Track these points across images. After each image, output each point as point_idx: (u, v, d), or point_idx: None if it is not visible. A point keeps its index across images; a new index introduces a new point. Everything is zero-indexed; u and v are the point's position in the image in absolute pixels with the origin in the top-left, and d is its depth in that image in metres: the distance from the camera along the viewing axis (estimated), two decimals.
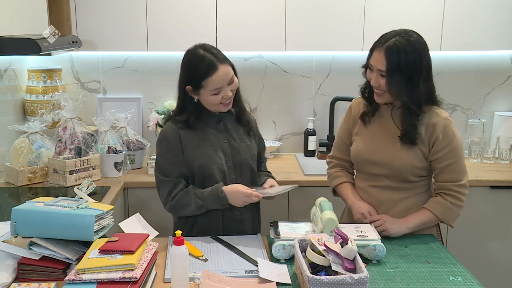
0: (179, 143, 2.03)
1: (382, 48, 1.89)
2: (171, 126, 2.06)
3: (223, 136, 2.08)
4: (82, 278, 1.51)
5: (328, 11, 2.97)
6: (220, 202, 1.98)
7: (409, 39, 1.89)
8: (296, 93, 3.29)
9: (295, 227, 1.90)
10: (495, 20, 2.99)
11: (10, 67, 2.87)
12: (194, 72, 1.96)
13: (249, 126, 2.15)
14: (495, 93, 3.32)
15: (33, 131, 2.72)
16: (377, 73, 1.92)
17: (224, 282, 1.61)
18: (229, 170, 2.06)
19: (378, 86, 1.93)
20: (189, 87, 2.00)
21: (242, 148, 2.09)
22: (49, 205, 1.71)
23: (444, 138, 1.95)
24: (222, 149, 2.06)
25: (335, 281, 1.45)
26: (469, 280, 1.68)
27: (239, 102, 2.11)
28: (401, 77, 1.88)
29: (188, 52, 2.02)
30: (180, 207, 2.03)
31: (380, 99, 1.98)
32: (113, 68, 3.22)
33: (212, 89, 1.96)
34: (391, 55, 1.87)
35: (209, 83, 1.95)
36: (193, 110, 2.04)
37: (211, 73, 1.94)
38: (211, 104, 2.01)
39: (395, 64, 1.86)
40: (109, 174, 2.80)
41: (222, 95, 1.98)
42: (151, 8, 2.94)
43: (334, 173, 2.20)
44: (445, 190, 1.99)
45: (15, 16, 2.42)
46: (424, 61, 1.91)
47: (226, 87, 1.97)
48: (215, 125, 2.08)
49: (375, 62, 1.92)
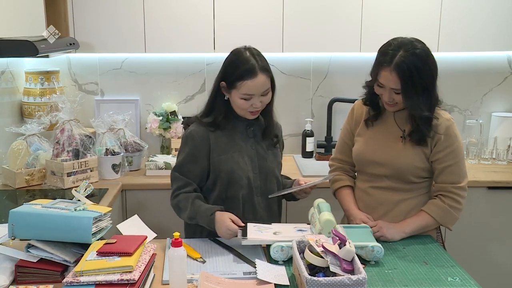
0: (206, 146, 2.01)
1: (391, 68, 1.86)
2: (200, 128, 2.03)
3: (251, 143, 2.07)
4: (80, 280, 1.51)
5: (326, 12, 2.97)
6: (208, 223, 1.93)
7: (414, 52, 1.86)
8: (294, 94, 3.29)
9: (264, 228, 1.91)
10: (492, 21, 2.99)
11: (7, 69, 2.86)
12: (233, 71, 1.96)
13: (277, 140, 2.15)
14: (492, 94, 3.33)
15: (30, 133, 2.71)
16: (390, 91, 1.91)
17: (222, 284, 1.61)
18: (255, 177, 2.05)
19: (393, 100, 1.93)
20: (223, 83, 1.99)
21: (269, 156, 2.09)
22: (46, 207, 1.71)
23: (446, 139, 1.96)
24: (249, 156, 2.05)
25: (333, 282, 1.45)
26: (467, 281, 1.68)
27: (269, 117, 2.10)
28: (416, 92, 1.87)
29: (233, 51, 2.02)
30: (177, 208, 2.03)
31: (393, 108, 1.98)
32: (110, 70, 3.22)
33: (243, 93, 1.94)
34: (403, 74, 1.84)
35: (243, 87, 1.93)
36: (222, 109, 2.02)
37: (248, 77, 1.92)
38: (238, 107, 1.99)
39: (410, 83, 1.85)
40: (107, 176, 2.79)
41: (252, 103, 1.96)
42: (148, 10, 2.94)
43: (335, 177, 2.21)
44: (443, 191, 1.99)
45: (12, 18, 2.42)
46: (433, 68, 1.91)
47: (258, 96, 1.96)
48: (244, 131, 2.07)
49: (386, 82, 1.89)
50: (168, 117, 3.16)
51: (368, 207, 2.08)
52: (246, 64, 1.94)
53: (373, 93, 2.00)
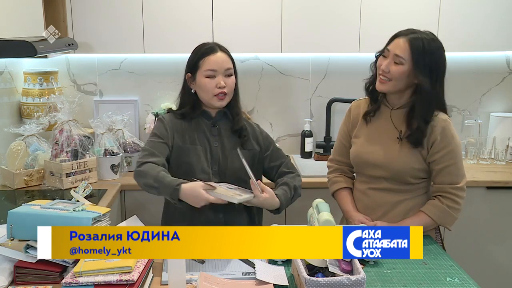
0: (173, 129, 2.07)
1: (406, 37, 1.91)
2: (170, 115, 2.13)
3: (215, 140, 2.09)
4: (78, 281, 1.51)
5: (325, 12, 2.97)
6: (170, 193, 1.87)
7: (434, 39, 1.93)
8: (293, 94, 3.29)
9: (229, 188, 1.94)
10: (490, 21, 3.00)
11: (6, 69, 2.86)
12: (195, 55, 2.07)
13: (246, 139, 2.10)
14: (491, 94, 3.33)
15: (29, 133, 2.71)
16: (391, 58, 1.93)
17: (221, 284, 1.61)
18: (214, 174, 2.05)
19: (388, 71, 1.93)
20: (188, 74, 2.07)
21: (231, 156, 2.07)
22: (45, 208, 1.71)
23: (443, 139, 1.95)
24: (211, 152, 2.07)
25: (332, 282, 1.45)
26: (466, 281, 1.68)
27: (235, 107, 2.10)
28: (424, 64, 1.89)
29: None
30: (139, 174, 1.97)
31: (383, 86, 1.97)
32: (109, 70, 3.22)
33: (206, 69, 2.01)
34: (417, 42, 1.89)
35: (205, 63, 2.02)
36: (190, 101, 2.10)
37: (209, 54, 2.03)
38: (204, 91, 2.03)
39: (421, 50, 1.88)
40: (105, 176, 2.79)
41: (216, 82, 2.01)
42: (147, 10, 2.94)
43: (333, 178, 2.21)
44: (442, 192, 1.99)
45: (10, 19, 2.42)
46: (442, 64, 1.96)
47: (221, 76, 2.02)
48: (208, 127, 2.10)
49: (394, 47, 1.93)
50: None
51: (367, 208, 2.08)
52: (206, 45, 2.08)
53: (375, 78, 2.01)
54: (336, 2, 2.96)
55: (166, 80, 3.23)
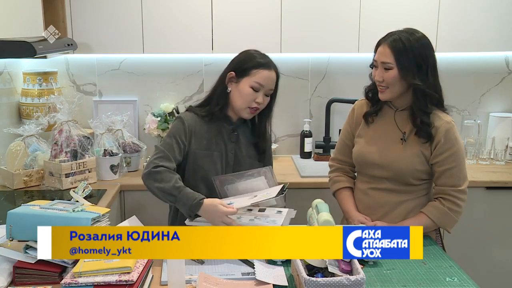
0: (191, 134, 2.02)
1: (386, 42, 1.93)
2: (190, 114, 2.06)
3: (232, 147, 2.08)
4: (78, 281, 1.50)
5: (324, 13, 2.98)
6: (189, 208, 1.84)
7: (413, 33, 1.93)
8: (292, 95, 3.29)
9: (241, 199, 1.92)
10: (489, 21, 3.00)
11: (5, 70, 2.86)
12: (250, 60, 2.02)
13: (263, 155, 2.14)
14: (490, 94, 3.33)
15: (28, 134, 2.71)
16: (381, 67, 1.94)
17: (221, 285, 1.61)
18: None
19: (382, 80, 1.94)
20: (231, 73, 2.02)
21: (245, 162, 2.08)
22: (45, 208, 1.71)
23: (446, 141, 1.95)
24: (226, 159, 2.06)
25: (332, 283, 1.45)
26: (466, 281, 1.68)
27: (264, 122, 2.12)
28: (409, 62, 1.90)
29: (246, 50, 2.07)
30: (153, 177, 1.90)
31: (384, 95, 1.98)
32: (108, 70, 3.22)
33: (256, 81, 1.98)
34: (396, 44, 1.90)
35: (258, 75, 1.99)
36: (221, 100, 2.04)
37: (265, 67, 2.01)
38: (241, 98, 1.99)
39: (402, 50, 1.89)
40: (105, 176, 2.79)
41: (256, 96, 1.99)
42: (146, 10, 2.94)
43: (334, 178, 2.21)
44: (443, 194, 1.98)
45: (10, 19, 2.42)
46: (429, 53, 1.94)
47: (263, 93, 2.01)
48: (228, 132, 2.08)
49: (379, 56, 1.95)
50: (166, 118, 3.15)
51: (368, 209, 2.08)
52: (264, 58, 2.04)
53: (375, 88, 2.02)
54: (336, 2, 2.97)
55: (165, 80, 3.23)
